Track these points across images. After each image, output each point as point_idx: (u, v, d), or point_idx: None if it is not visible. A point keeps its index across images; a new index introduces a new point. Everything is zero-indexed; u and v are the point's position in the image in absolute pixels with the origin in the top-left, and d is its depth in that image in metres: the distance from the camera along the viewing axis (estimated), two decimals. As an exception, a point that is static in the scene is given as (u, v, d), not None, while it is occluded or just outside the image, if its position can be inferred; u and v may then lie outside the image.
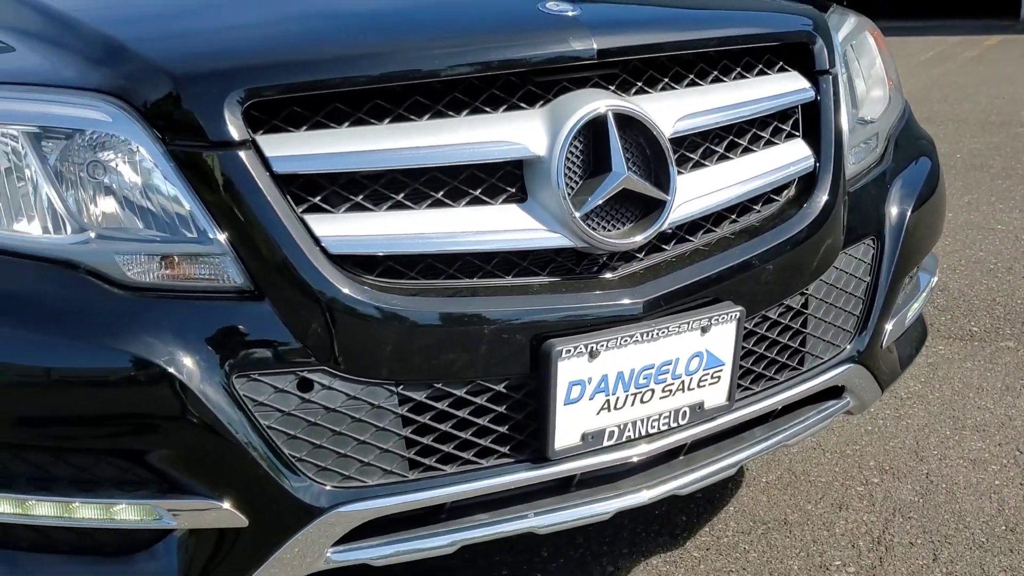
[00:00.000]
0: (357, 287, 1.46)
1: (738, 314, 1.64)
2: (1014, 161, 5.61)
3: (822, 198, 1.81)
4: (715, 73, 1.77)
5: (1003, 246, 4.11)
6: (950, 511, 2.26)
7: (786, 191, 1.83)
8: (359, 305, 1.45)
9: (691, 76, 1.74)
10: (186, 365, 1.40)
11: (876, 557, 2.11)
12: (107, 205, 1.45)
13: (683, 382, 1.63)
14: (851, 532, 2.20)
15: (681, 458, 1.73)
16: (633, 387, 1.58)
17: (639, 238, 1.58)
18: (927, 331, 2.29)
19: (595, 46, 1.58)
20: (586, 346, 1.52)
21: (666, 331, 1.58)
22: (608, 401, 1.57)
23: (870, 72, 2.12)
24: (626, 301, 1.56)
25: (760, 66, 1.84)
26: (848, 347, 1.89)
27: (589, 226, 1.54)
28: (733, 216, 1.75)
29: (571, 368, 1.52)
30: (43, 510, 1.45)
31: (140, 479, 1.45)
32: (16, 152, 1.46)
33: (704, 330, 1.61)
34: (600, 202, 1.55)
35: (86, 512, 1.45)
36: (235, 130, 1.43)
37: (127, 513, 1.45)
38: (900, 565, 2.08)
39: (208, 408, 1.41)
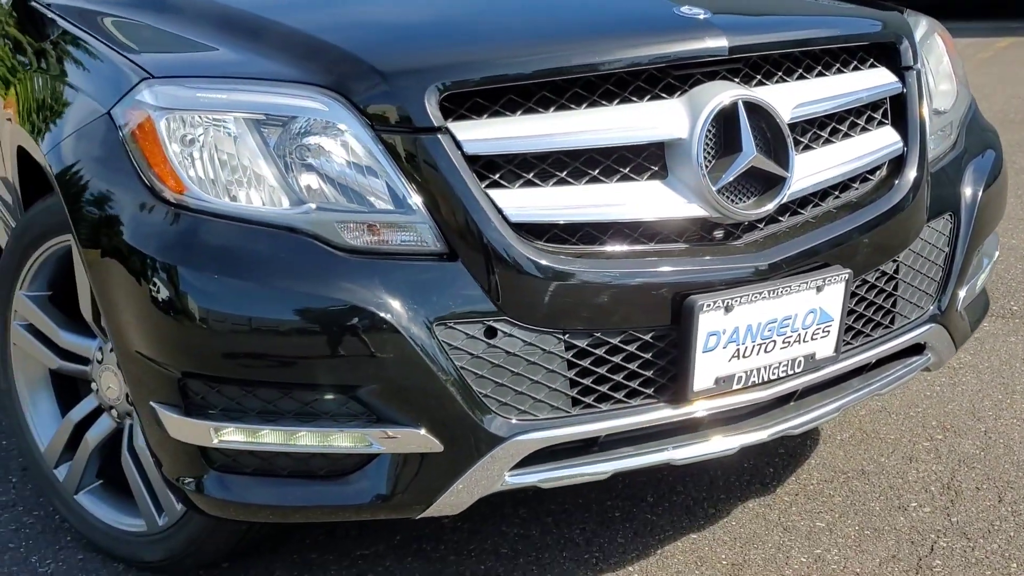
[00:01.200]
0: (533, 250, 1.72)
1: (847, 276, 1.90)
2: (1036, 157, 5.86)
3: (910, 177, 2.08)
4: (819, 68, 2.03)
5: (1034, 234, 4.36)
6: (1009, 461, 2.52)
7: (878, 171, 2.09)
8: (535, 266, 1.71)
9: (799, 71, 2.00)
10: (395, 314, 1.66)
11: (947, 499, 2.37)
12: (324, 181, 1.71)
13: (799, 335, 1.89)
14: (923, 479, 2.46)
15: (792, 403, 1.99)
16: (759, 338, 1.85)
17: (765, 209, 1.85)
18: (989, 301, 2.55)
19: (726, 44, 1.85)
20: (723, 301, 1.78)
21: (788, 289, 1.84)
22: (738, 350, 1.83)
23: (939, 68, 2.38)
24: (756, 264, 1.83)
25: (855, 62, 2.10)
26: (930, 309, 2.16)
27: (724, 199, 1.81)
28: (836, 193, 2.01)
29: (709, 320, 1.79)
30: (271, 438, 1.71)
31: (354, 411, 1.71)
32: (242, 136, 1.73)
33: (819, 289, 1.88)
34: (732, 178, 1.82)
35: (308, 440, 1.71)
36: (433, 118, 1.69)
37: (342, 440, 1.71)
38: (970, 506, 2.34)
39: (413, 350, 1.67)
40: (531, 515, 2.37)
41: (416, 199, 1.70)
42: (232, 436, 1.72)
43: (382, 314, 1.66)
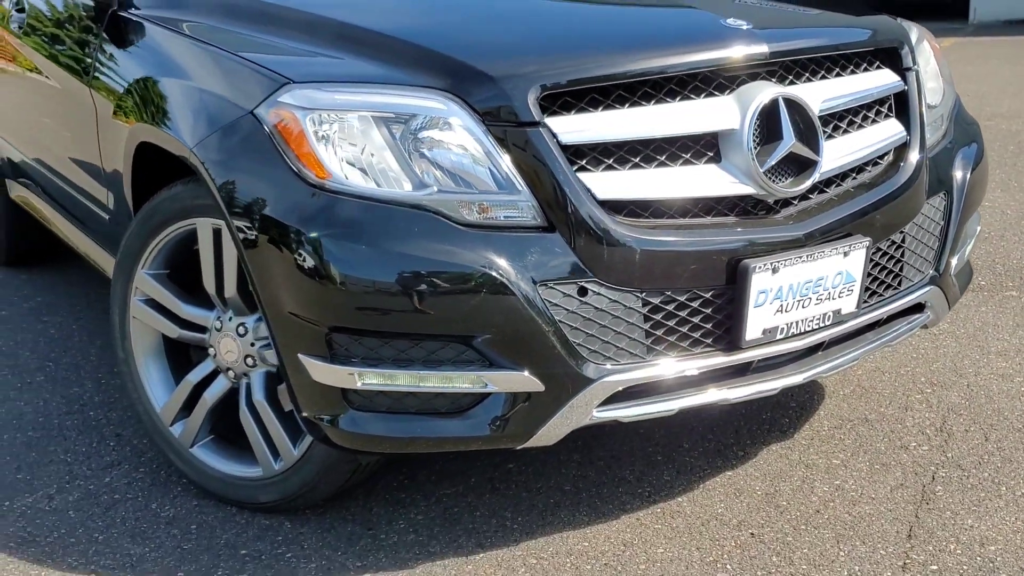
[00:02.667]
0: (616, 223, 2.07)
1: (867, 243, 2.28)
2: (990, 149, 6.33)
3: (913, 161, 2.46)
4: (837, 69, 2.41)
5: (993, 219, 4.81)
6: (991, 408, 2.92)
7: (886, 157, 2.48)
8: (618, 236, 2.07)
9: (822, 72, 2.37)
10: (507, 276, 2.01)
11: (941, 440, 2.76)
12: (442, 167, 2.05)
13: (829, 293, 2.26)
14: (918, 424, 2.85)
15: (820, 352, 2.37)
16: (798, 295, 2.22)
17: (802, 188, 2.22)
18: (973, 271, 2.95)
19: (767, 49, 2.22)
20: (771, 264, 2.15)
21: (822, 254, 2.22)
22: (781, 305, 2.20)
23: (928, 69, 2.76)
24: (796, 233, 2.20)
25: (865, 64, 2.48)
26: (929, 274, 2.55)
27: (769, 179, 2.17)
28: (854, 175, 2.39)
29: (760, 280, 2.15)
30: (403, 381, 2.05)
31: (471, 358, 2.05)
32: (373, 131, 2.06)
33: (845, 254, 2.25)
34: (775, 162, 2.18)
35: (434, 382, 2.05)
36: (535, 113, 2.04)
37: (462, 382, 2.05)
38: (961, 444, 2.73)
39: (521, 306, 2.02)
40: (584, 460, 2.72)
41: (520, 182, 2.05)
42: (372, 380, 2.05)
43: (496, 276, 2.00)
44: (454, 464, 2.70)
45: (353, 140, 2.07)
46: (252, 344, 2.39)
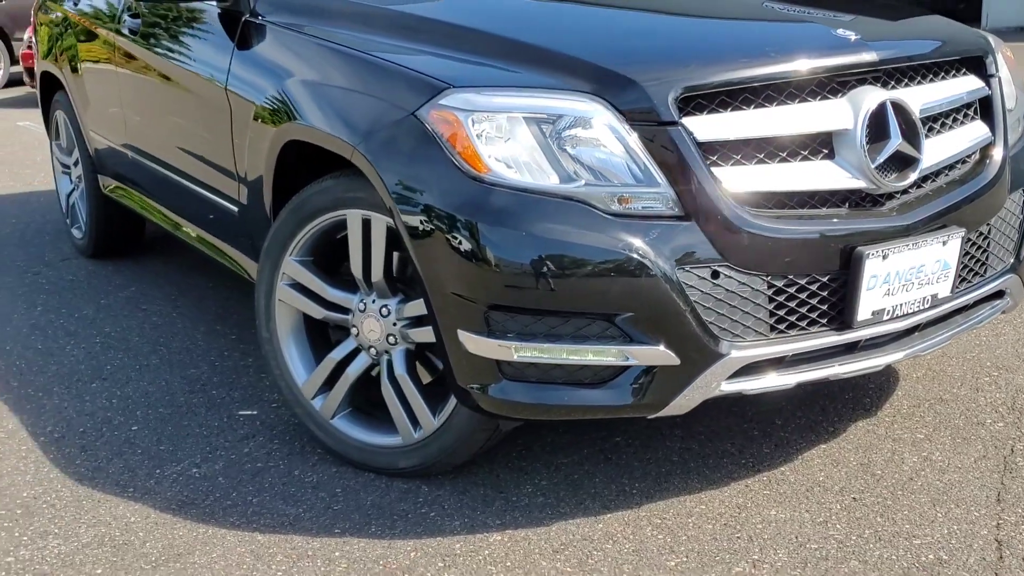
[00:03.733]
0: (745, 213, 2.30)
1: (962, 233, 2.51)
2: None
3: (997, 159, 2.70)
4: (930, 76, 2.64)
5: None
6: (1057, 390, 3.16)
7: (973, 156, 2.71)
8: (747, 224, 2.29)
9: (918, 77, 2.61)
10: (649, 260, 2.24)
11: (1015, 416, 2.99)
12: (590, 163, 2.28)
13: (928, 278, 2.49)
14: (991, 402, 3.08)
15: (917, 332, 2.60)
16: (903, 280, 2.44)
17: (907, 182, 2.45)
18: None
19: (876, 57, 2.45)
20: (881, 251, 2.38)
21: (924, 243, 2.44)
22: (888, 289, 2.43)
23: (1004, 76, 2.99)
24: (902, 223, 2.43)
25: (954, 71, 2.72)
26: (1010, 262, 2.77)
27: (879, 174, 2.40)
28: (947, 171, 2.63)
29: (871, 266, 2.38)
30: (554, 353, 2.28)
31: (613, 334, 2.28)
32: (527, 130, 2.29)
33: (944, 243, 2.48)
34: (883, 159, 2.41)
35: (580, 356, 2.28)
36: (674, 113, 2.27)
37: (606, 355, 2.28)
38: (1033, 420, 2.97)
39: (661, 287, 2.24)
40: (686, 435, 2.95)
41: (659, 175, 2.28)
42: (527, 352, 2.28)
43: (638, 260, 2.23)
44: (564, 437, 2.93)
45: (508, 138, 2.29)
46: (394, 324, 2.62)
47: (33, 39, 5.44)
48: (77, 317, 4.17)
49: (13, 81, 13.64)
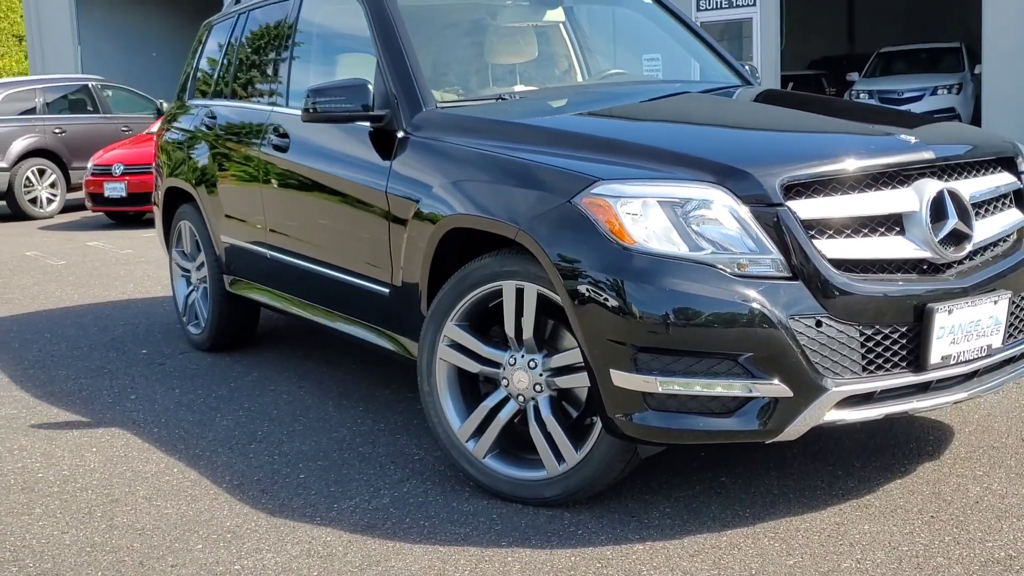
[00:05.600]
0: (840, 275, 2.90)
1: (1010, 295, 3.11)
2: None
3: (1032, 239, 3.31)
4: (974, 171, 3.28)
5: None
6: (1090, 439, 3.68)
7: (1011, 236, 3.32)
8: (844, 285, 2.88)
9: (964, 172, 3.24)
10: (767, 311, 2.82)
11: (1057, 459, 3.52)
12: (713, 237, 2.89)
13: (984, 330, 3.07)
14: (1036, 450, 3.61)
15: (975, 378, 3.16)
16: (965, 331, 3.02)
17: (963, 254, 3.05)
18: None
19: (933, 156, 3.09)
20: (947, 307, 2.97)
21: (980, 301, 3.03)
22: (953, 338, 3.00)
23: (1029, 174, 3.63)
24: (962, 285, 3.02)
25: (992, 168, 3.35)
26: (1049, 323, 3.36)
27: (941, 247, 3.01)
28: (992, 247, 3.23)
29: (939, 318, 2.96)
30: (690, 388, 2.84)
31: (738, 372, 2.84)
32: (662, 211, 2.90)
33: (995, 302, 3.07)
34: (943, 236, 3.02)
35: (717, 390, 2.84)
36: (781, 197, 2.89)
37: (733, 389, 2.84)
38: (1073, 462, 3.49)
39: (777, 332, 2.82)
40: (781, 475, 3.47)
41: (770, 245, 2.88)
42: (667, 386, 2.84)
43: (759, 310, 2.81)
44: (676, 478, 3.45)
45: (647, 216, 2.91)
46: (540, 375, 3.19)
47: (155, 162, 6.13)
48: (215, 396, 4.73)
49: (68, 207, 14.45)
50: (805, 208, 2.92)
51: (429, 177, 3.56)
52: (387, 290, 3.81)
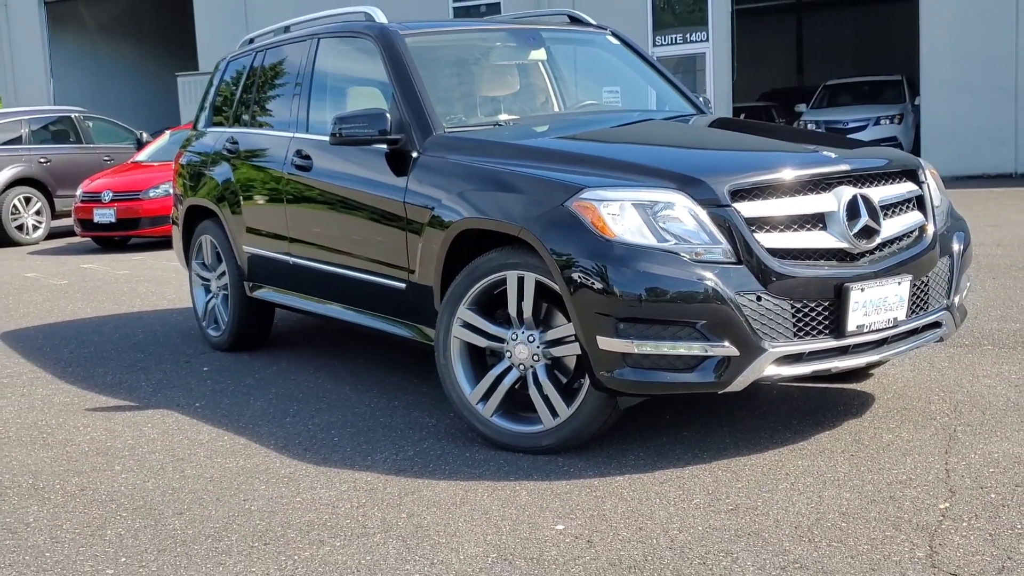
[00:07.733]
0: (775, 261, 3.69)
1: (911, 278, 3.92)
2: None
3: (930, 235, 4.13)
4: (883, 180, 4.10)
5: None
6: (983, 400, 4.50)
7: (914, 233, 4.14)
8: (779, 268, 3.68)
9: (875, 181, 4.06)
10: (718, 288, 3.60)
11: (954, 416, 4.33)
12: (676, 232, 3.67)
13: (891, 305, 3.87)
14: (940, 409, 4.42)
15: (884, 344, 3.96)
16: (875, 306, 3.82)
17: (873, 246, 3.86)
18: (967, 310, 4.58)
19: (849, 168, 3.91)
20: (860, 286, 3.77)
21: (887, 283, 3.84)
22: (866, 311, 3.80)
23: (931, 183, 4.45)
24: (873, 270, 3.83)
25: (896, 178, 4.18)
26: (944, 303, 4.17)
27: (856, 240, 3.81)
28: (898, 241, 4.05)
29: (854, 295, 3.75)
30: (660, 349, 3.61)
31: (696, 336, 3.62)
32: (635, 211, 3.68)
33: (899, 283, 3.88)
34: (856, 230, 3.83)
35: (680, 350, 3.61)
36: (729, 199, 3.69)
37: (694, 350, 3.62)
38: (968, 415, 4.30)
39: (727, 306, 3.60)
40: (732, 430, 4.25)
41: (721, 238, 3.67)
42: (642, 348, 3.61)
43: (713, 288, 3.60)
44: (647, 432, 4.21)
45: (624, 216, 3.69)
46: (537, 347, 3.95)
47: (173, 184, 6.84)
48: (244, 384, 5.44)
49: (53, 234, 15.01)
50: (748, 208, 3.72)
51: (441, 189, 4.33)
52: (404, 285, 4.56)
